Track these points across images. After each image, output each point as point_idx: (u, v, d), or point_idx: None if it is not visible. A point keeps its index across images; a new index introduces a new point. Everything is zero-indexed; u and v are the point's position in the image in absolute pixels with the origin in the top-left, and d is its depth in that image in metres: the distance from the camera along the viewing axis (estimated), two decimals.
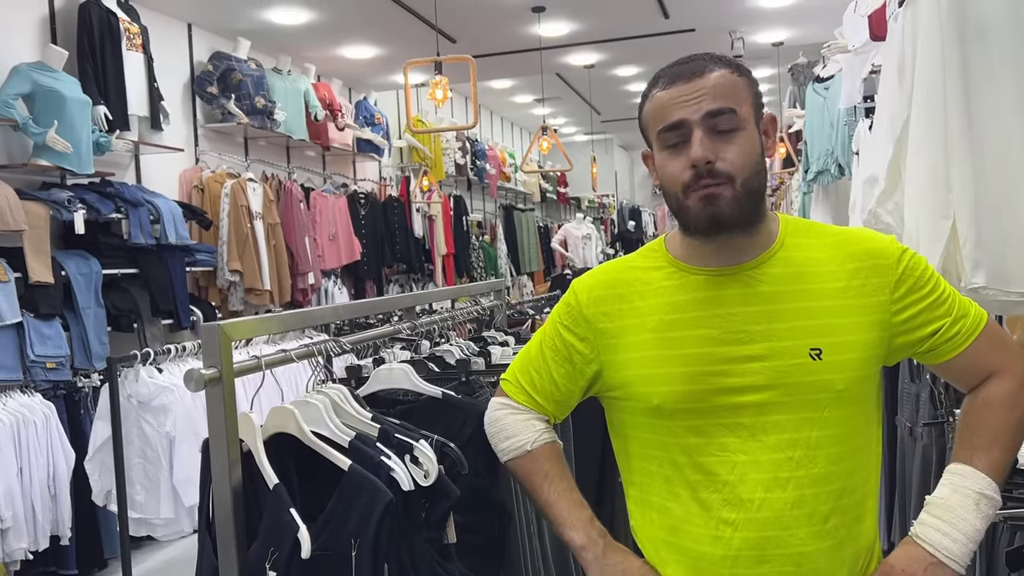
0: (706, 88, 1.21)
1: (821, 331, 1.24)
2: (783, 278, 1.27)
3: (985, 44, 1.98)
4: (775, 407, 1.24)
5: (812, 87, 5.09)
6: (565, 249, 11.72)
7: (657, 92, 1.25)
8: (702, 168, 1.20)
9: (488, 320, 2.97)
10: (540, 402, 1.45)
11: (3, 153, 4.37)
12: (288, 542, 1.39)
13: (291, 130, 6.40)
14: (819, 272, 1.27)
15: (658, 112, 1.24)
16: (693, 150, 1.20)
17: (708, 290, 1.29)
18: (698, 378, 1.26)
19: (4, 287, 3.88)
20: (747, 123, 1.23)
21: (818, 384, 1.23)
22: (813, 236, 1.32)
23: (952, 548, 1.21)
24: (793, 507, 1.23)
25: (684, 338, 1.28)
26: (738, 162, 1.21)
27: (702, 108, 1.20)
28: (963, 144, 2.02)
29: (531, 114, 12.20)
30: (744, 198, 1.22)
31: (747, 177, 1.22)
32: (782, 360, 1.24)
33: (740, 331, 1.26)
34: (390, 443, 1.55)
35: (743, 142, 1.22)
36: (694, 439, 1.28)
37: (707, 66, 1.23)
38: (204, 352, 1.42)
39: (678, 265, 1.33)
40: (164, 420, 3.76)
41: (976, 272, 2.01)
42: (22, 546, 3.60)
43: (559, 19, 6.59)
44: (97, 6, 4.74)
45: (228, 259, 5.45)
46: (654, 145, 1.28)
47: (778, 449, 1.24)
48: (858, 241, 1.30)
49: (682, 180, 1.22)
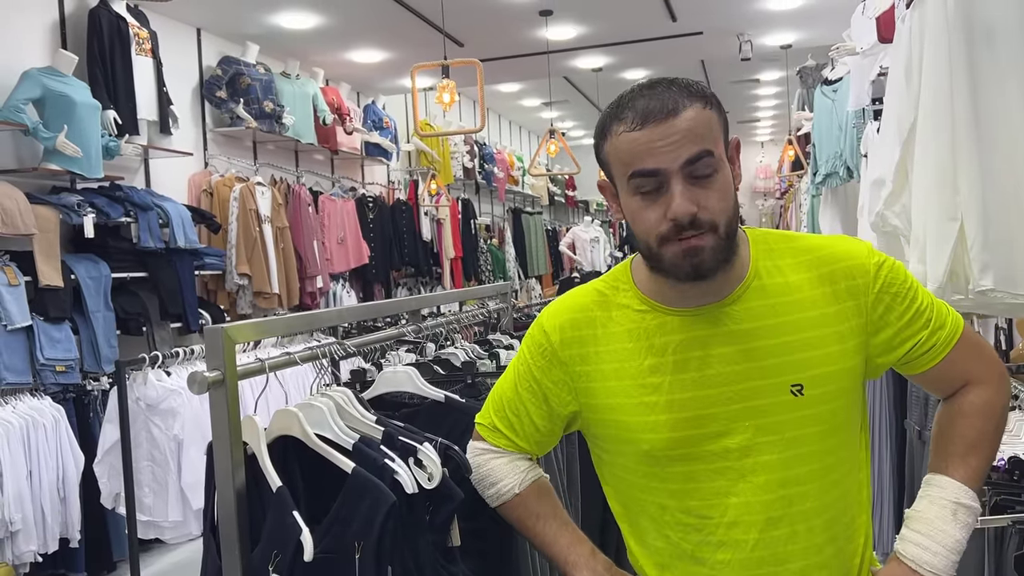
0: (682, 131, 1.12)
1: (800, 366, 1.21)
2: (759, 312, 1.23)
3: (992, 46, 1.97)
4: (761, 447, 1.21)
5: (820, 89, 5.07)
6: (573, 252, 11.72)
7: (625, 132, 1.14)
8: (684, 221, 1.13)
9: (495, 323, 2.97)
10: (521, 444, 1.41)
11: (13, 157, 4.40)
12: (291, 545, 1.39)
13: (299, 134, 6.42)
14: (794, 301, 1.23)
15: (628, 155, 1.15)
16: (676, 204, 1.12)
17: (685, 331, 1.24)
18: (681, 424, 1.23)
19: (14, 291, 3.90)
20: (722, 162, 1.16)
21: (802, 420, 1.21)
22: (786, 256, 1.26)
23: (934, 562, 1.21)
24: (788, 543, 1.22)
25: (666, 383, 1.24)
26: (719, 208, 1.15)
27: (680, 156, 1.12)
28: (971, 146, 2.01)
29: (539, 117, 12.20)
30: (725, 242, 1.16)
31: (728, 220, 1.16)
32: (763, 399, 1.21)
33: (719, 373, 1.22)
34: (394, 446, 1.55)
35: (721, 184, 1.15)
36: (683, 484, 1.25)
37: (679, 102, 1.13)
38: (207, 355, 1.43)
39: (651, 304, 1.27)
40: (172, 423, 3.78)
41: (984, 274, 2.00)
42: (31, 548, 3.62)
43: (566, 22, 6.59)
44: (107, 11, 4.77)
45: (237, 263, 5.47)
46: (620, 185, 1.19)
47: (769, 489, 1.22)
48: (832, 260, 1.24)
49: (658, 231, 1.15)
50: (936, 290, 2.11)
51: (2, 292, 3.83)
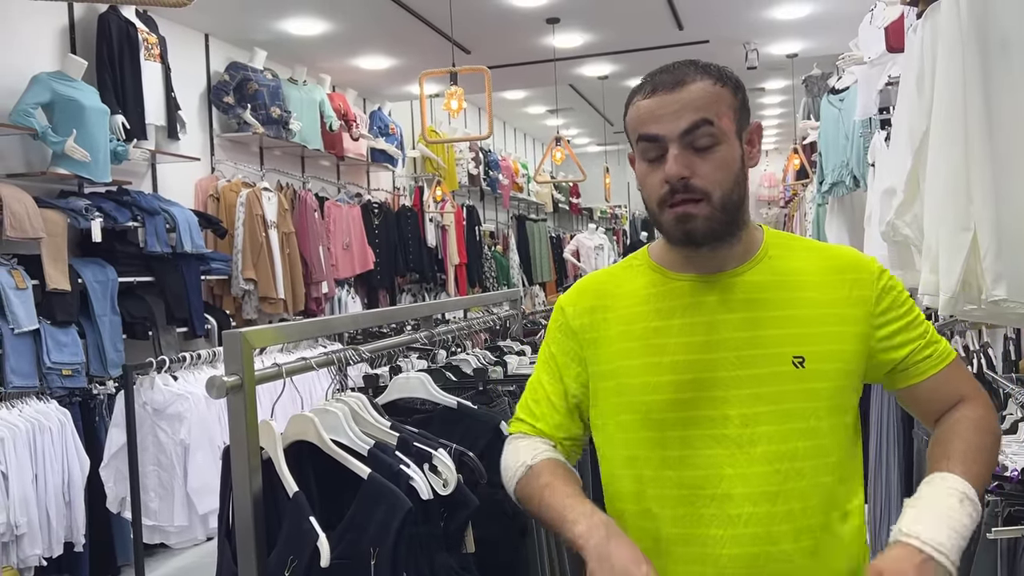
0: (684, 101, 1.19)
1: (804, 339, 1.23)
2: (766, 286, 1.26)
3: (1007, 55, 1.96)
4: (760, 417, 1.22)
5: (827, 99, 5.08)
6: (577, 259, 11.72)
7: (639, 100, 1.24)
8: (676, 184, 1.19)
9: (503, 330, 2.97)
10: (539, 427, 1.39)
11: (22, 161, 4.41)
12: (307, 550, 1.39)
13: (306, 140, 6.43)
14: (802, 281, 1.27)
15: (638, 122, 1.23)
16: (668, 166, 1.19)
17: (691, 296, 1.27)
18: (683, 386, 1.24)
19: (22, 294, 3.90)
20: (726, 136, 1.21)
21: (802, 393, 1.22)
22: (797, 249, 1.32)
23: (943, 541, 1.10)
24: (781, 521, 1.21)
25: (669, 345, 1.26)
26: (714, 178, 1.19)
27: (679, 125, 1.19)
28: (984, 155, 2.01)
29: (544, 125, 12.23)
30: (720, 214, 1.21)
31: (724, 192, 1.20)
32: (765, 368, 1.22)
33: (724, 338, 1.24)
34: (409, 452, 1.55)
35: (721, 156, 1.20)
36: (680, 451, 1.24)
37: (689, 76, 1.21)
38: (226, 359, 1.43)
39: (661, 271, 1.31)
40: (179, 428, 3.77)
41: (997, 284, 1.99)
42: (36, 552, 3.61)
43: (573, 30, 6.61)
44: (116, 17, 4.79)
45: (243, 268, 5.48)
46: (634, 150, 1.27)
47: (765, 461, 1.21)
48: (840, 256, 1.31)
49: (659, 194, 1.22)
50: (948, 300, 2.10)
51: (10, 296, 3.84)
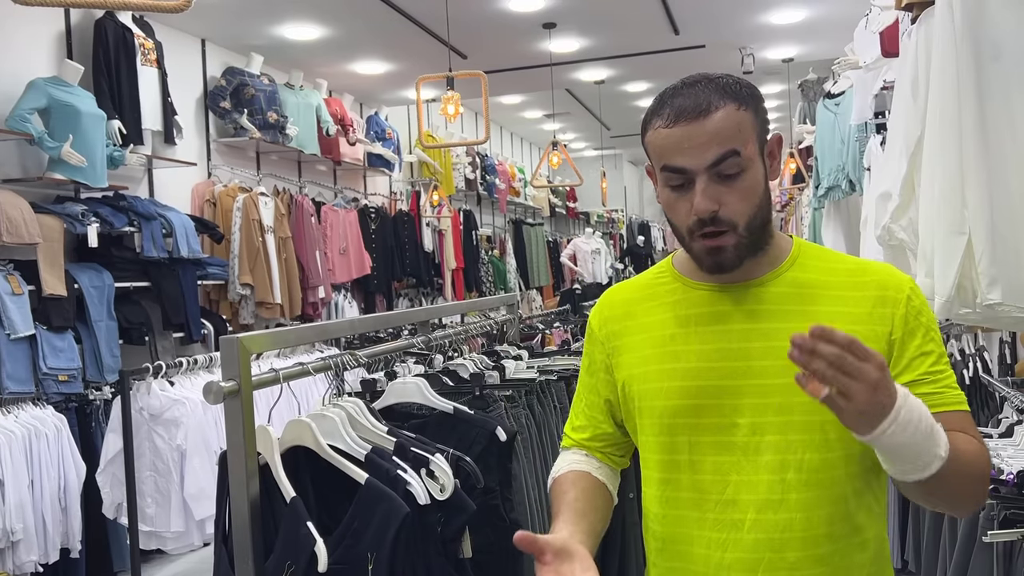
0: (710, 133, 1.17)
1: None
2: (786, 298, 1.26)
3: (1000, 60, 1.98)
4: (769, 427, 1.23)
5: (823, 103, 5.09)
6: (574, 264, 11.73)
7: (660, 127, 1.21)
8: (706, 218, 1.19)
9: (500, 334, 2.97)
10: (576, 439, 1.43)
11: (18, 166, 4.41)
12: (305, 555, 1.39)
13: (303, 145, 6.43)
14: (824, 295, 1.26)
15: (662, 151, 1.22)
16: (696, 201, 1.18)
17: (710, 305, 1.28)
18: (695, 392, 1.26)
19: (18, 299, 3.90)
20: (751, 162, 1.21)
21: (810, 406, 1.19)
22: (826, 261, 1.30)
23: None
24: (784, 530, 1.21)
25: (684, 352, 1.28)
26: (741, 208, 1.20)
27: (707, 158, 1.18)
28: (978, 160, 2.02)
29: (541, 129, 12.24)
30: (747, 239, 1.22)
31: (751, 219, 1.21)
32: (776, 379, 1.22)
33: (738, 348, 1.25)
34: (406, 456, 1.55)
35: (748, 184, 1.20)
36: (689, 455, 1.27)
37: (712, 103, 1.18)
38: (223, 364, 1.43)
39: (683, 280, 1.33)
40: (175, 433, 3.77)
41: (992, 288, 2.00)
42: (32, 558, 3.60)
43: (569, 35, 6.62)
44: (113, 22, 4.79)
45: (239, 273, 5.48)
46: (657, 175, 1.26)
47: (771, 470, 1.22)
48: (872, 272, 1.28)
49: (687, 224, 1.22)
50: (944, 304, 2.11)
51: (6, 301, 3.83)
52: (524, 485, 2.10)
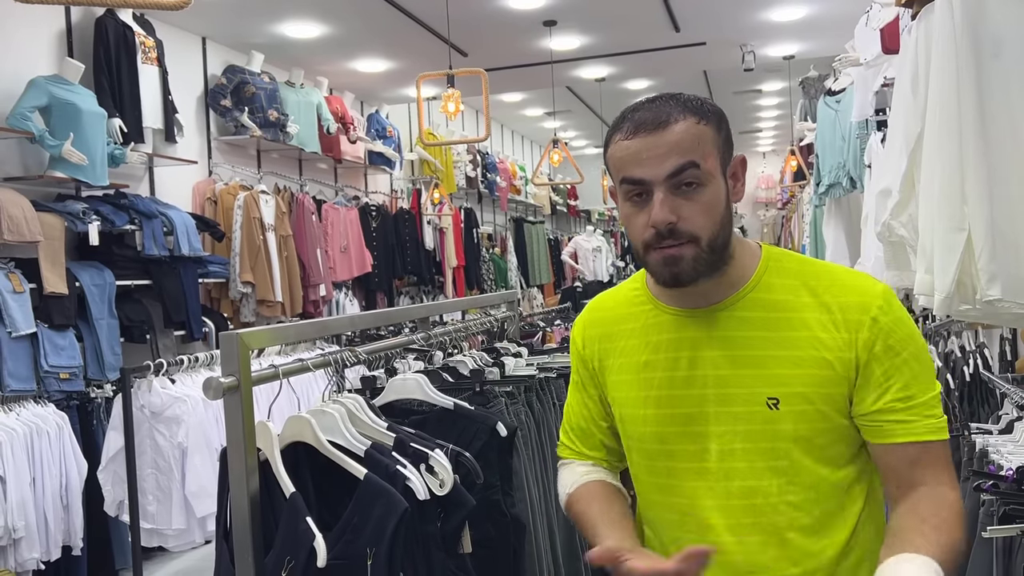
0: (669, 144, 1.16)
1: (779, 381, 1.21)
2: (750, 323, 1.24)
3: (1000, 56, 1.97)
4: (736, 454, 1.23)
5: (824, 100, 5.09)
6: (575, 262, 11.73)
7: (620, 139, 1.20)
8: (663, 230, 1.17)
9: (500, 331, 2.97)
10: (579, 449, 1.44)
11: (19, 165, 4.41)
12: (304, 551, 1.40)
13: (303, 143, 6.44)
14: (788, 318, 1.23)
15: (621, 163, 1.20)
16: (654, 212, 1.16)
17: (678, 331, 1.28)
18: (666, 420, 1.27)
19: (19, 298, 3.90)
20: (712, 176, 1.18)
21: (776, 433, 1.21)
22: (794, 277, 1.26)
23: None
24: (760, 552, 1.23)
25: (655, 379, 1.29)
26: (700, 222, 1.17)
27: (665, 168, 1.16)
28: (978, 156, 2.02)
29: (542, 127, 12.23)
30: (707, 255, 1.19)
31: (711, 234, 1.18)
32: (741, 407, 1.22)
33: (704, 375, 1.25)
34: (406, 452, 1.56)
35: (707, 198, 1.18)
36: (667, 480, 1.29)
37: (672, 115, 1.17)
38: (222, 361, 1.43)
39: (654, 303, 1.32)
40: (176, 431, 3.78)
41: (992, 285, 2.00)
42: (34, 556, 3.60)
43: (570, 33, 6.62)
44: (113, 20, 4.79)
45: (240, 271, 5.48)
46: (617, 189, 1.24)
47: (741, 496, 1.23)
48: (841, 292, 1.23)
49: (643, 238, 1.19)
50: (943, 300, 2.11)
51: (7, 299, 3.84)
52: (524, 480, 2.10)
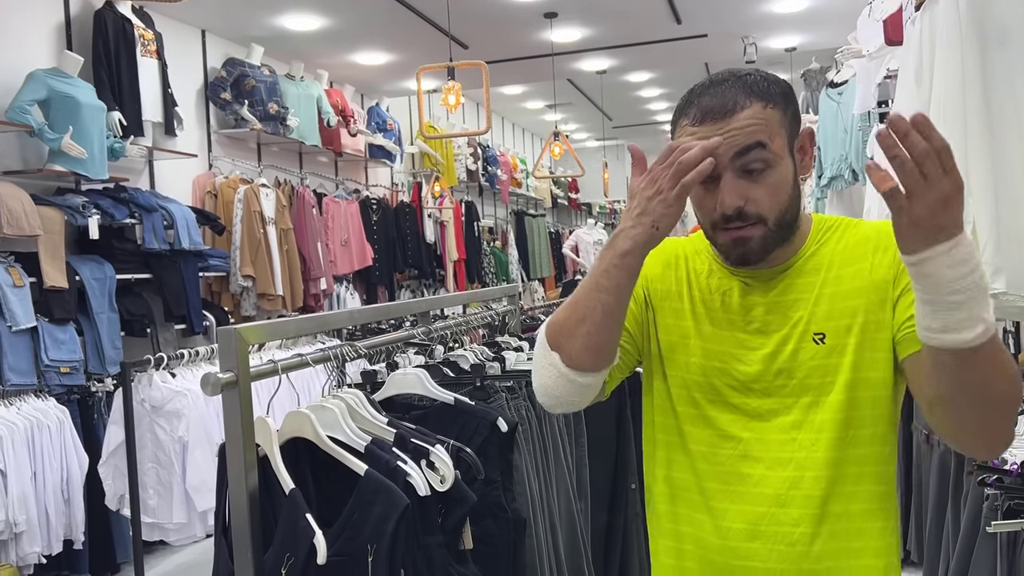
0: (736, 129, 1.18)
1: (826, 316, 1.25)
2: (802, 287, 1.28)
3: (1006, 48, 1.96)
4: (781, 390, 1.25)
5: (826, 92, 5.06)
6: (576, 255, 11.71)
7: (687, 125, 1.22)
8: (731, 213, 1.20)
9: (501, 325, 2.96)
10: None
11: (19, 158, 4.40)
12: (304, 547, 1.39)
13: (304, 136, 6.42)
14: (831, 261, 1.28)
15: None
16: (722, 197, 1.19)
17: (738, 294, 1.31)
18: (711, 371, 1.30)
19: (19, 292, 3.90)
20: (779, 158, 1.21)
21: (822, 368, 1.24)
22: (841, 230, 1.31)
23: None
24: (791, 487, 1.23)
25: (704, 331, 1.31)
26: (768, 203, 1.20)
27: (731, 154, 1.18)
28: (982, 149, 2.01)
29: (543, 120, 12.20)
30: (775, 233, 1.23)
31: (779, 214, 1.22)
32: (789, 345, 1.25)
33: (757, 329, 1.28)
34: (406, 448, 1.55)
35: (774, 179, 1.20)
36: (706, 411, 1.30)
37: (738, 102, 1.19)
38: (220, 356, 1.42)
39: (719, 263, 1.34)
40: (177, 425, 3.77)
41: (996, 278, 1.99)
42: (35, 550, 3.61)
43: (571, 25, 6.59)
44: (112, 13, 4.77)
45: (241, 264, 5.47)
46: None
47: (783, 430, 1.25)
48: (872, 226, 1.29)
49: (712, 218, 1.23)
50: None
51: (7, 293, 3.83)
52: (525, 476, 2.09)
